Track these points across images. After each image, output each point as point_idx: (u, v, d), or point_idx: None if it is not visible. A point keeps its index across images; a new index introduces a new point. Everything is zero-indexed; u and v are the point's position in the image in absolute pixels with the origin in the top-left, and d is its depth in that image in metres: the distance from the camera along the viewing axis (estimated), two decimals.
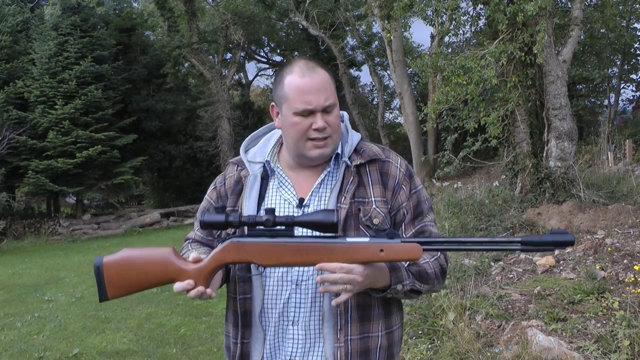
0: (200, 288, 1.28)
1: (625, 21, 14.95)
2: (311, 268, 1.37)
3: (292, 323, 1.41)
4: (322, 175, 1.47)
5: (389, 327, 1.46)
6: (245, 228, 1.33)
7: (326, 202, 1.43)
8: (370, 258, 1.26)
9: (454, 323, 3.91)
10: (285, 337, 1.42)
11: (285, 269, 1.41)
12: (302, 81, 1.39)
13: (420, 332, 4.12)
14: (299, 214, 1.38)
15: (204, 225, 1.31)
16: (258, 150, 1.55)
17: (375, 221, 1.41)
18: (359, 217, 1.41)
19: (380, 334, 1.43)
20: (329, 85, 1.42)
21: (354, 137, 1.52)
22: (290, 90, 1.40)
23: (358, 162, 1.46)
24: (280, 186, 1.49)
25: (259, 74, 30.77)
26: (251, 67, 49.77)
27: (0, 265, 10.61)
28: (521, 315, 4.07)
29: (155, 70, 20.26)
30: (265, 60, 29.03)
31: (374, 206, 1.43)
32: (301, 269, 1.40)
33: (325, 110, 1.40)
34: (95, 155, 15.01)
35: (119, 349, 4.89)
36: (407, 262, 1.40)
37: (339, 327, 1.37)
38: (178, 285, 1.29)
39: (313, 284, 1.39)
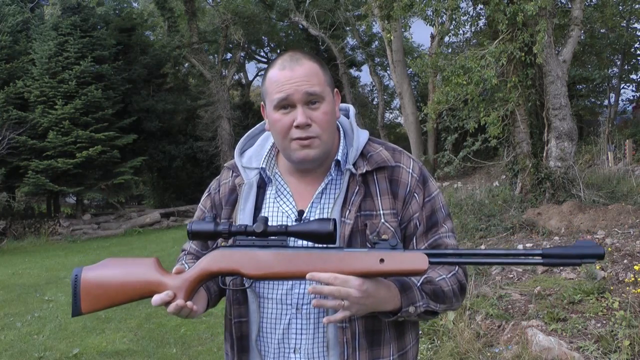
0: (180, 302, 1.16)
1: (625, 21, 14.96)
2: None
3: (294, 351, 1.28)
4: (323, 184, 1.31)
5: (402, 349, 1.31)
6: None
7: (329, 214, 1.28)
8: (369, 269, 1.12)
9: (454, 323, 3.91)
10: None
11: (284, 291, 1.28)
12: (282, 73, 1.24)
13: (420, 332, 4.12)
14: (292, 224, 1.25)
15: (193, 235, 1.21)
16: (254, 153, 1.39)
17: (384, 237, 1.23)
18: (365, 234, 1.25)
19: (392, 357, 1.29)
20: (315, 76, 1.25)
21: (361, 138, 1.34)
22: (269, 83, 1.27)
23: (364, 170, 1.29)
24: (278, 195, 1.33)
25: (259, 74, 30.78)
26: (251, 67, 49.85)
27: (0, 265, 10.61)
28: (521, 315, 4.07)
29: (155, 70, 20.25)
30: (265, 60, 29.03)
31: (382, 220, 1.27)
32: (302, 292, 1.27)
33: (309, 104, 1.24)
34: (95, 155, 15.01)
35: (119, 349, 4.89)
36: (420, 281, 1.25)
37: (345, 357, 1.24)
38: (156, 298, 1.16)
39: (316, 308, 1.25)
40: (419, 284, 1.24)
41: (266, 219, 1.18)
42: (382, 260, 1.12)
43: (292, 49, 1.38)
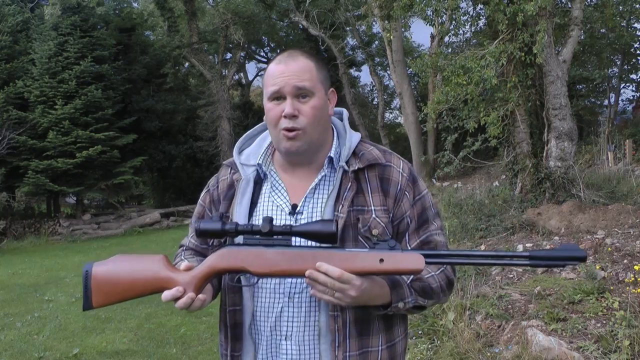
0: (191, 294, 1.20)
1: (625, 21, 14.95)
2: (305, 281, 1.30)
3: (285, 338, 1.32)
4: (317, 180, 1.36)
5: (391, 340, 1.37)
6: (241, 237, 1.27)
7: (322, 208, 1.32)
8: (369, 268, 1.18)
9: (454, 323, 3.91)
10: (279, 352, 1.33)
11: (277, 280, 1.32)
12: (277, 67, 1.33)
13: (420, 332, 4.12)
14: (297, 224, 1.30)
15: (200, 233, 1.25)
16: (252, 151, 1.46)
17: (375, 232, 1.30)
18: (357, 228, 1.30)
19: (380, 348, 1.33)
20: (307, 73, 1.32)
21: (353, 138, 1.40)
22: (266, 76, 1.35)
23: (356, 167, 1.35)
24: (273, 191, 1.39)
25: (259, 74, 30.77)
26: (251, 67, 49.72)
27: (0, 265, 10.60)
28: (521, 315, 4.07)
29: (155, 70, 20.24)
30: (265, 60, 29.00)
31: (373, 215, 1.32)
32: (294, 281, 1.31)
33: (299, 97, 1.31)
34: (95, 155, 15.00)
35: (119, 349, 4.89)
36: (410, 278, 1.32)
37: (337, 344, 1.28)
38: (166, 294, 1.21)
39: (307, 296, 1.30)
40: (409, 282, 1.31)
41: (271, 219, 1.22)
42: (381, 260, 1.17)
43: (295, 48, 1.41)
